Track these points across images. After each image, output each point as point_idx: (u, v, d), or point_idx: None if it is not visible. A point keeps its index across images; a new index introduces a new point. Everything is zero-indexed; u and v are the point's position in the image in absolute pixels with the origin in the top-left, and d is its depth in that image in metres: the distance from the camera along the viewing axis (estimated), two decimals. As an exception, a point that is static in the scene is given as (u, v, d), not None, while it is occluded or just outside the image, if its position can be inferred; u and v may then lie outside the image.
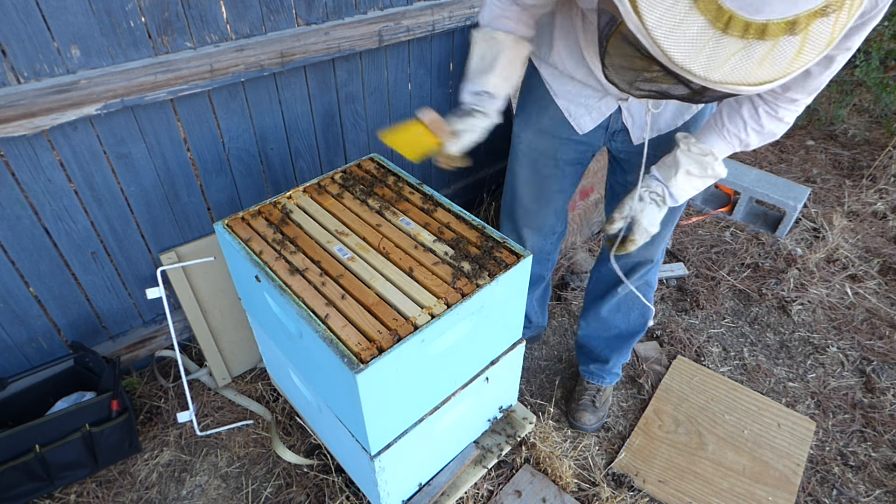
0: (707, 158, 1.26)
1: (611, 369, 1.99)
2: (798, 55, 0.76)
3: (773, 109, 1.18)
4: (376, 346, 1.18)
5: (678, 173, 1.28)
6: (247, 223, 1.49)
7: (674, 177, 1.29)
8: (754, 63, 0.76)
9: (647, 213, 1.33)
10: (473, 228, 1.47)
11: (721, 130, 1.25)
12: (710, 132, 1.27)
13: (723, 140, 1.25)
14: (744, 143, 1.25)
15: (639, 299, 1.80)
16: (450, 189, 2.69)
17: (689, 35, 0.75)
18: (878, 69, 3.45)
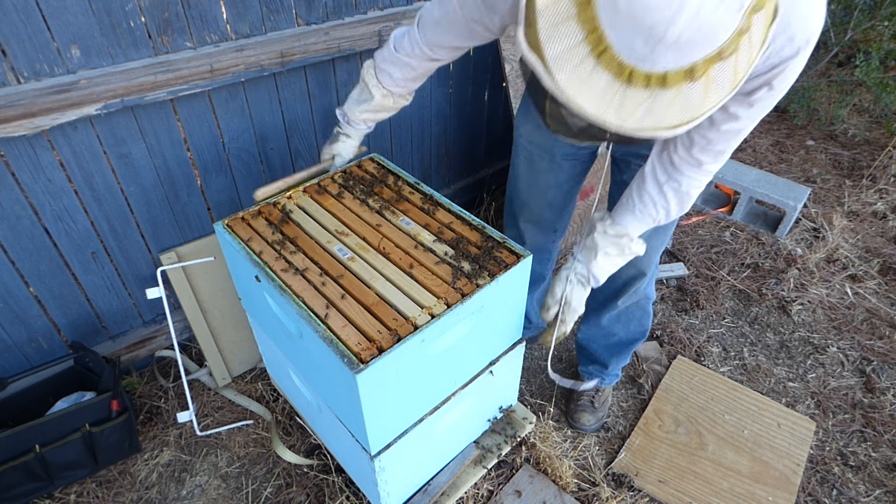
0: (623, 240, 1.31)
1: (610, 371, 1.99)
2: (705, 98, 0.80)
3: (676, 184, 1.21)
4: (376, 346, 1.18)
5: (597, 255, 1.33)
6: (247, 223, 1.49)
7: (594, 259, 1.33)
8: (664, 108, 0.80)
9: (575, 294, 1.37)
10: (473, 228, 1.47)
11: (633, 210, 1.29)
12: (625, 211, 1.31)
13: (636, 219, 1.30)
14: (656, 219, 1.29)
15: (639, 310, 1.81)
16: (450, 189, 2.69)
17: (597, 89, 0.80)
18: (878, 69, 3.45)
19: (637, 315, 1.84)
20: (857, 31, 3.74)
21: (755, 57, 0.80)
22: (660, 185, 1.24)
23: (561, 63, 0.81)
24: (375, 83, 1.45)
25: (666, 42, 0.73)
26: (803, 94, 3.80)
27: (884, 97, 3.46)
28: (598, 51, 0.78)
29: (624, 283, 1.71)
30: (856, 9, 3.68)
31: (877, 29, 3.67)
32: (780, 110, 3.97)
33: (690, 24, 0.72)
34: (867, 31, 3.72)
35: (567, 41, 0.80)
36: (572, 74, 0.81)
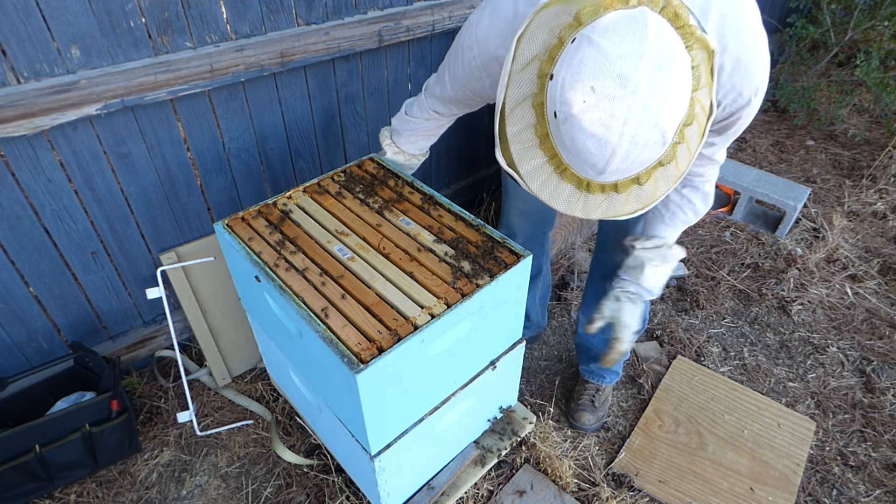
0: (663, 249, 1.40)
1: (611, 368, 1.99)
2: (655, 191, 0.98)
3: (693, 188, 1.37)
4: (376, 346, 1.18)
5: (645, 269, 1.40)
6: (247, 223, 1.49)
7: (642, 274, 1.40)
8: (622, 204, 0.99)
9: (626, 311, 1.43)
10: (473, 228, 1.47)
11: (663, 219, 1.40)
12: (657, 223, 1.42)
13: (668, 226, 1.41)
14: (686, 222, 1.41)
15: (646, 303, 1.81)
16: (450, 189, 2.69)
17: (564, 195, 1.01)
18: (878, 69, 3.45)
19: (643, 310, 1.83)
20: (857, 31, 3.74)
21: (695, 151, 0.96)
22: (679, 192, 1.37)
23: (532, 177, 1.01)
24: (389, 142, 1.64)
25: (607, 172, 0.91)
26: (803, 94, 3.81)
27: (884, 97, 3.46)
28: (560, 170, 0.98)
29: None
30: (856, 9, 3.69)
31: (877, 29, 3.68)
32: (780, 110, 3.97)
33: (623, 161, 0.89)
34: (867, 31, 3.72)
35: (535, 162, 1.00)
36: (543, 185, 1.01)
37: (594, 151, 0.88)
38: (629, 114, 0.84)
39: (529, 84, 0.96)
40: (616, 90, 0.83)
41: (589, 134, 0.86)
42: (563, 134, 0.91)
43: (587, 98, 0.85)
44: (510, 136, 1.00)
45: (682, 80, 0.87)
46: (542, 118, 0.96)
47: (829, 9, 3.72)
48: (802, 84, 3.91)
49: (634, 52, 0.83)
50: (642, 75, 0.83)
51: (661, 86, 0.84)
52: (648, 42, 0.83)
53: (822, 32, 3.81)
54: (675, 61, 0.86)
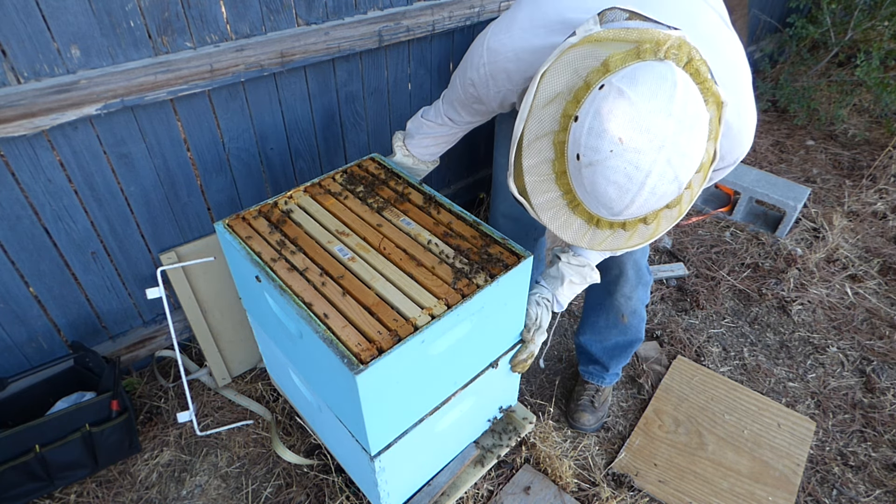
0: (585, 269, 1.48)
1: (610, 371, 1.99)
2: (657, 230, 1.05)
3: None
4: (376, 346, 1.18)
5: (563, 283, 1.48)
6: (247, 223, 1.49)
7: (560, 286, 1.49)
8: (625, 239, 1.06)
9: (545, 317, 1.51)
10: (474, 229, 1.47)
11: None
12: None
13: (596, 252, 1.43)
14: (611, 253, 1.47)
15: (638, 314, 1.83)
16: (450, 189, 2.69)
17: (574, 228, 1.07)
18: (878, 69, 3.45)
19: (634, 323, 1.86)
20: (858, 31, 3.74)
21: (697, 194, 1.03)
22: None
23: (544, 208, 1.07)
24: (400, 144, 1.68)
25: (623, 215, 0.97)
26: (803, 94, 3.81)
27: (884, 97, 3.46)
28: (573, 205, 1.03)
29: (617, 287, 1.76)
30: (856, 9, 3.69)
31: (877, 29, 3.68)
32: (780, 110, 3.97)
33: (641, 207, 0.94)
34: (867, 31, 3.72)
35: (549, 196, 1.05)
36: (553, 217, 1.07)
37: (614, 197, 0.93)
38: (653, 167, 0.89)
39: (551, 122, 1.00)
40: (643, 144, 0.88)
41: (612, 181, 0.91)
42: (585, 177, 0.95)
43: (614, 148, 0.89)
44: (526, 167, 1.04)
45: (702, 136, 0.93)
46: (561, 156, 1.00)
47: (829, 9, 3.72)
48: (802, 84, 3.91)
49: (663, 110, 0.88)
50: (668, 132, 0.88)
51: (684, 143, 0.89)
52: (676, 102, 0.88)
53: (822, 32, 3.81)
54: (698, 120, 0.91)
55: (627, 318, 1.83)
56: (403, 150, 1.67)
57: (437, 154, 1.70)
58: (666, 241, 2.79)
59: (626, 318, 1.83)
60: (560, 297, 1.50)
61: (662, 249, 2.77)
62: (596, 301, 1.87)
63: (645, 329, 2.35)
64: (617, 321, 1.84)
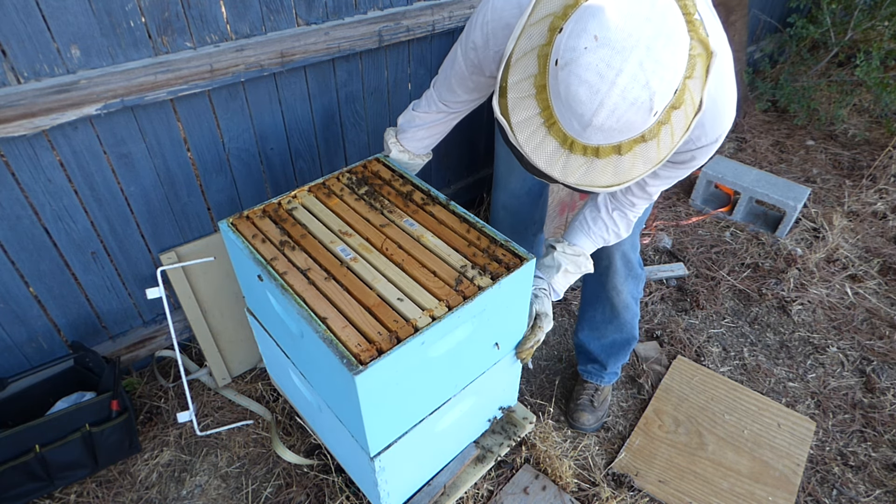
0: (580, 258, 1.50)
1: (609, 370, 1.99)
2: (632, 168, 1.01)
3: (622, 212, 1.46)
4: (376, 347, 1.18)
5: (558, 272, 1.50)
6: (251, 222, 1.49)
7: (555, 275, 1.50)
8: (599, 172, 1.02)
9: (545, 303, 1.53)
10: (476, 230, 1.47)
11: (588, 232, 1.50)
12: (579, 233, 1.51)
13: (589, 239, 1.50)
14: (605, 241, 1.51)
15: (630, 309, 1.83)
16: (450, 189, 2.69)
17: (547, 151, 1.03)
18: (878, 69, 3.45)
19: (627, 317, 1.86)
20: (857, 31, 3.74)
21: (678, 141, 1.01)
22: (609, 213, 1.47)
23: (522, 127, 1.04)
24: (394, 141, 1.66)
25: (593, 126, 0.94)
26: (803, 94, 3.81)
27: (884, 97, 3.46)
28: (549, 123, 1.00)
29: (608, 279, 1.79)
30: (856, 9, 3.69)
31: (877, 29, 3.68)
32: (780, 110, 3.97)
33: (609, 117, 0.92)
34: (867, 31, 3.72)
35: (527, 113, 1.03)
36: (530, 138, 1.03)
37: (584, 99, 0.91)
38: (623, 66, 0.88)
39: (539, 36, 1.00)
40: (617, 42, 0.88)
41: (583, 80, 0.90)
42: (560, 81, 0.94)
43: (588, 45, 0.89)
44: (510, 84, 1.04)
45: (678, 54, 0.92)
46: (543, 69, 0.99)
47: (829, 9, 3.72)
48: (802, 84, 3.91)
49: (641, 14, 0.89)
50: (643, 35, 0.88)
51: (658, 49, 0.89)
52: (656, 10, 0.89)
53: (822, 32, 3.81)
54: (675, 35, 0.91)
55: (620, 311, 1.83)
56: (398, 146, 1.66)
57: (431, 146, 1.70)
58: (666, 241, 2.79)
59: (619, 311, 1.83)
60: (556, 286, 1.53)
61: (662, 249, 2.77)
62: (591, 296, 1.89)
63: (644, 329, 2.36)
64: (612, 316, 1.85)
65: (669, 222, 2.96)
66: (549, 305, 1.53)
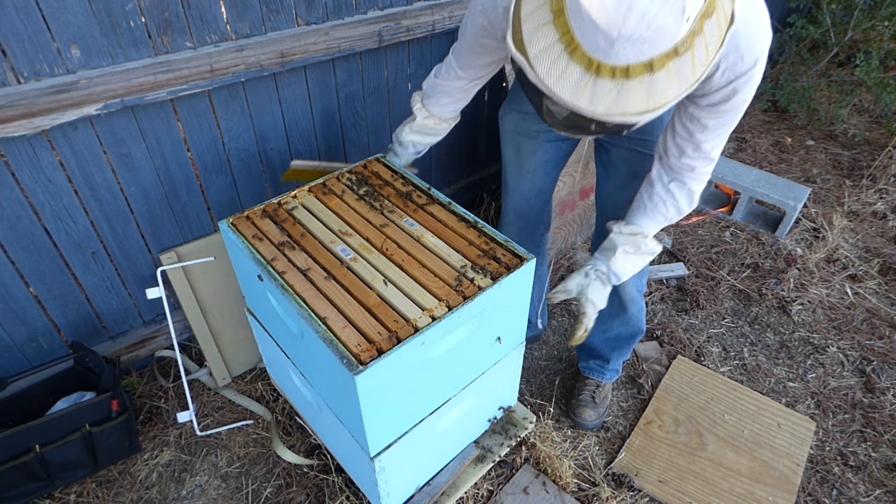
0: (637, 237, 1.42)
1: (611, 366, 1.99)
2: (667, 89, 0.92)
3: (680, 183, 1.35)
4: (376, 347, 1.18)
5: (616, 254, 1.43)
6: (251, 222, 1.50)
7: (613, 257, 1.44)
8: (630, 97, 0.92)
9: (593, 288, 1.47)
10: (476, 230, 1.47)
11: (645, 210, 1.42)
12: (637, 213, 1.43)
13: (648, 218, 1.42)
14: (667, 217, 1.41)
15: (636, 302, 1.82)
16: (450, 189, 2.69)
17: (572, 80, 0.93)
18: (878, 69, 3.45)
19: (633, 310, 1.85)
20: (857, 31, 3.74)
21: (713, 56, 0.92)
22: (665, 186, 1.37)
23: (541, 59, 0.94)
24: (419, 106, 1.64)
25: (621, 39, 0.85)
26: (803, 94, 3.81)
27: (884, 97, 3.46)
28: (571, 48, 0.91)
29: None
30: (856, 9, 3.69)
31: (877, 29, 3.68)
32: (780, 110, 3.97)
33: (639, 23, 0.83)
34: (867, 31, 3.72)
35: (545, 41, 0.93)
36: (551, 68, 0.94)
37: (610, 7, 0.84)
38: None
39: None
40: None
41: None
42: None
43: None
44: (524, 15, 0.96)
45: None
46: None
47: (829, 9, 3.71)
48: (802, 84, 3.91)
49: None
50: None
51: None
52: None
53: (822, 32, 3.81)
54: None
55: (627, 305, 1.82)
56: (423, 111, 1.64)
57: (457, 111, 1.68)
58: (666, 241, 2.79)
59: (626, 305, 1.82)
60: (615, 268, 1.45)
61: (662, 249, 2.77)
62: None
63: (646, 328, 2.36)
64: (619, 310, 1.84)
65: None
66: (600, 290, 1.47)
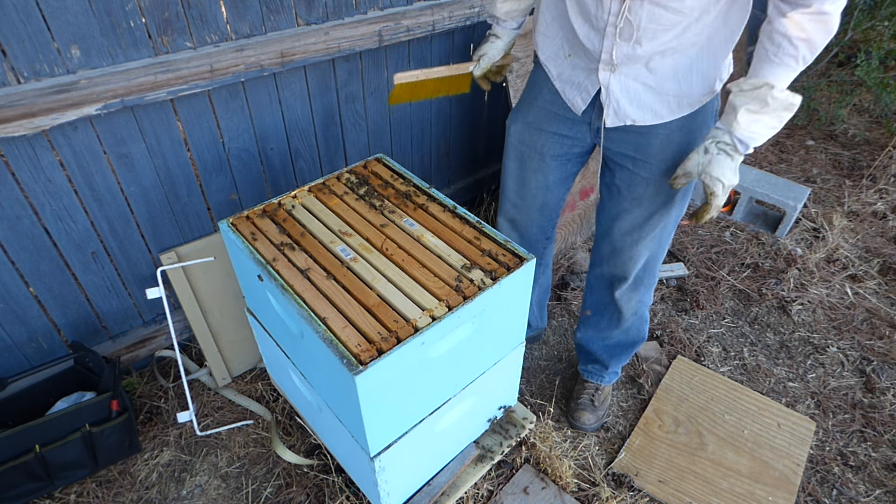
0: (763, 90, 1.19)
1: (610, 370, 1.99)
2: None
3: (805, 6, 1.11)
4: (376, 347, 1.18)
5: (738, 115, 1.23)
6: (251, 222, 1.50)
7: (735, 120, 1.24)
8: None
9: (717, 164, 1.27)
10: (476, 230, 1.47)
11: (768, 56, 1.19)
12: (760, 62, 1.21)
13: (773, 64, 1.18)
14: (797, 57, 1.16)
15: (639, 314, 1.82)
16: (450, 189, 2.69)
17: None
18: (878, 69, 3.45)
19: (636, 324, 1.85)
20: (857, 31, 3.74)
21: None
22: (787, 17, 1.14)
23: None
24: None
25: None
26: (803, 94, 3.81)
27: (884, 97, 3.46)
28: None
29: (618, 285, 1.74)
30: (856, 9, 3.69)
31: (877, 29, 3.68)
32: (780, 110, 3.97)
33: None
34: (867, 31, 3.72)
35: None
36: None
37: None
38: None
39: None
40: None
41: None
42: None
43: None
44: None
45: None
46: None
47: (830, 8, 3.71)
48: (802, 84, 3.91)
49: None
50: None
51: None
52: None
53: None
54: None
55: (628, 317, 1.82)
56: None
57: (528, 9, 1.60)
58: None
59: (627, 317, 1.81)
60: (741, 133, 1.24)
61: (662, 249, 2.77)
62: (597, 302, 1.85)
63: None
64: (619, 321, 1.83)
65: (669, 222, 2.96)
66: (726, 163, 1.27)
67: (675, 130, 1.41)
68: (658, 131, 1.42)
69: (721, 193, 1.30)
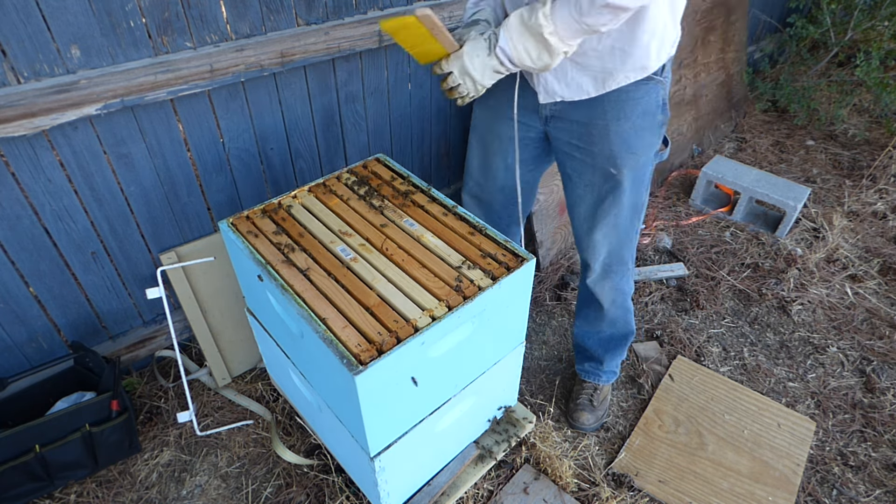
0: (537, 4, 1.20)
1: (606, 368, 1.99)
2: None
3: None
4: (376, 347, 1.18)
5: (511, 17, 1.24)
6: (251, 222, 1.50)
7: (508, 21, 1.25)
8: None
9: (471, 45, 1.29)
10: (476, 230, 1.47)
11: None
12: None
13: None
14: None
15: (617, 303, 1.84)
16: (450, 189, 2.69)
17: None
18: (878, 69, 3.45)
19: (620, 315, 1.87)
20: (857, 31, 3.74)
21: None
22: None
23: None
24: None
25: None
26: (803, 94, 3.81)
27: (884, 97, 3.46)
28: None
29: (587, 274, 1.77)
30: (856, 9, 3.69)
31: (877, 29, 3.68)
32: (780, 110, 3.97)
33: None
34: (867, 31, 3.72)
35: None
36: None
37: None
38: None
39: None
40: None
41: None
42: None
43: None
44: None
45: None
46: None
47: (829, 9, 3.72)
48: (802, 84, 3.91)
49: None
50: None
51: None
52: None
53: (822, 32, 3.81)
54: None
55: (607, 308, 1.83)
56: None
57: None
58: (666, 241, 2.79)
59: (606, 308, 1.83)
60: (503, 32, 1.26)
61: (662, 249, 2.77)
62: (582, 292, 1.89)
63: (644, 329, 2.36)
64: (602, 311, 1.85)
65: (669, 222, 2.96)
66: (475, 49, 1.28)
67: (612, 120, 1.45)
68: (596, 121, 1.46)
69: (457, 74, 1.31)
